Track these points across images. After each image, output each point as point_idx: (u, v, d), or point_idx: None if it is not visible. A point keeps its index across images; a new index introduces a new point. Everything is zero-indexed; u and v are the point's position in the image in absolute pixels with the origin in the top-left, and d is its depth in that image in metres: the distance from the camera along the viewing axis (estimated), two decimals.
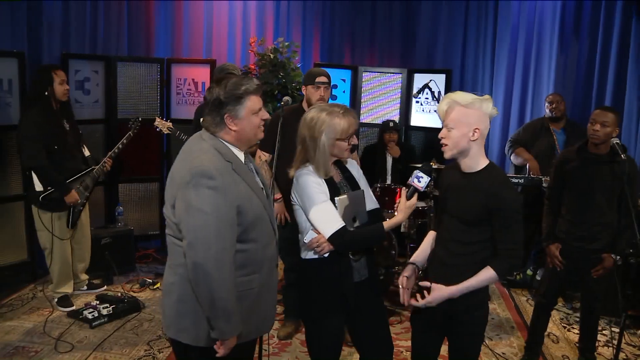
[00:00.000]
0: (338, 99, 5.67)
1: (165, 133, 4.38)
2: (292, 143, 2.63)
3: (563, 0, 5.44)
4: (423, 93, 4.59)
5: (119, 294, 4.31)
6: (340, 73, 5.71)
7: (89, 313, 3.91)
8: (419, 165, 2.41)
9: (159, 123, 4.33)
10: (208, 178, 1.94)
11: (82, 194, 4.11)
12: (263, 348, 2.72)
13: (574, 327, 4.11)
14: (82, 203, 4.15)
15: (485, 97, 2.23)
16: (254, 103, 2.08)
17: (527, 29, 5.67)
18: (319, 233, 2.34)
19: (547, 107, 4.84)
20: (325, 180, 2.39)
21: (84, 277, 4.42)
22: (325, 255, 2.37)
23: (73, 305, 4.11)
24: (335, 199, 2.36)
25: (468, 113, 2.19)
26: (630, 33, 4.89)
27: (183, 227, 1.96)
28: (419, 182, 2.34)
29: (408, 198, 2.35)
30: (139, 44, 5.74)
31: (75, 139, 4.14)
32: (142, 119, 4.53)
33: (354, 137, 2.44)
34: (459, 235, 2.27)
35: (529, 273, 4.91)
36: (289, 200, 2.52)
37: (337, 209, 2.35)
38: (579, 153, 3.31)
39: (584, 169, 3.26)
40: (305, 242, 2.37)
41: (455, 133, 2.21)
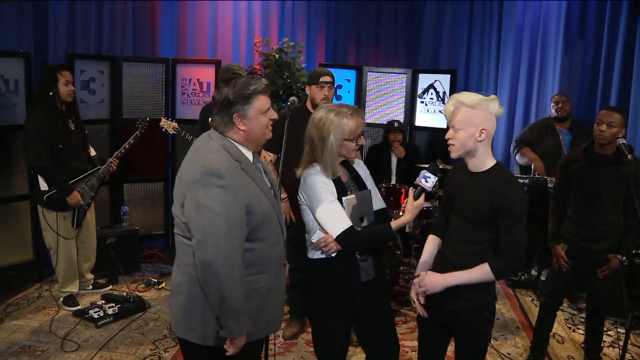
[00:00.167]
0: (343, 99, 5.66)
1: (171, 133, 4.38)
2: (296, 143, 2.64)
3: (568, 0, 5.42)
4: (428, 93, 4.59)
5: (125, 294, 4.32)
6: (345, 73, 5.71)
7: (95, 312, 3.93)
8: (426, 166, 2.42)
9: (165, 123, 4.34)
10: (217, 177, 1.94)
11: (87, 194, 4.13)
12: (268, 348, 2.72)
13: (579, 327, 4.11)
14: (87, 203, 4.16)
15: (492, 97, 2.24)
16: (263, 103, 2.08)
17: (532, 29, 5.65)
18: (327, 233, 2.34)
19: (552, 107, 4.84)
20: (333, 180, 2.39)
21: (90, 276, 4.44)
22: (333, 255, 2.37)
23: (79, 305, 4.13)
24: (343, 199, 2.37)
25: (474, 114, 2.20)
26: (636, 33, 4.86)
27: (192, 226, 1.96)
28: (426, 182, 2.34)
29: (415, 198, 2.35)
30: (144, 44, 5.75)
31: (81, 139, 4.14)
32: (149, 119, 4.54)
33: (362, 137, 2.44)
34: (467, 235, 2.28)
35: (534, 273, 4.91)
36: (294, 200, 2.52)
37: (344, 209, 2.36)
38: (585, 153, 3.30)
39: (590, 170, 3.26)
40: (313, 241, 2.37)
41: (462, 134, 2.22)
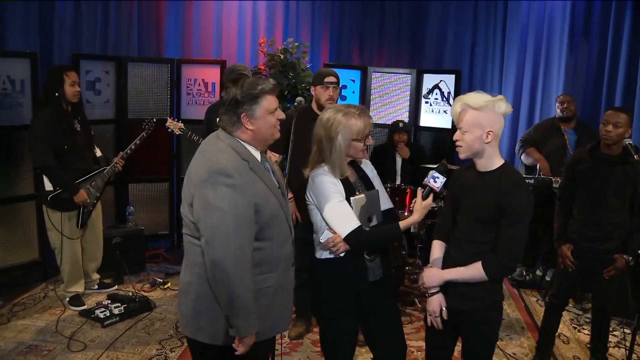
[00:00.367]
0: (347, 100, 5.67)
1: (177, 134, 4.39)
2: (301, 143, 2.64)
3: (573, 0, 5.42)
4: (433, 93, 4.58)
5: (130, 294, 4.33)
6: (350, 73, 5.71)
7: (101, 312, 3.93)
8: (434, 166, 2.42)
9: (171, 124, 4.34)
10: (226, 176, 1.95)
11: (92, 194, 4.13)
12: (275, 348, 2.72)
13: (585, 327, 4.10)
14: (92, 203, 4.16)
15: (499, 97, 2.24)
16: (270, 103, 2.09)
17: (536, 29, 5.65)
18: (335, 233, 2.35)
19: (557, 107, 4.84)
20: (341, 180, 2.40)
21: (96, 276, 4.45)
22: (341, 255, 2.38)
23: (84, 305, 4.14)
24: (351, 199, 2.37)
25: (481, 116, 2.20)
26: None
27: (201, 225, 1.96)
28: (435, 182, 2.34)
29: (424, 198, 2.35)
30: (150, 45, 5.77)
31: (86, 140, 4.15)
32: (155, 120, 4.54)
33: (370, 137, 2.44)
34: (474, 235, 2.28)
35: (539, 274, 4.90)
36: (301, 200, 2.52)
37: (352, 209, 2.36)
38: (592, 154, 3.30)
39: (596, 170, 3.26)
40: (321, 241, 2.37)
41: (469, 136, 2.22)
